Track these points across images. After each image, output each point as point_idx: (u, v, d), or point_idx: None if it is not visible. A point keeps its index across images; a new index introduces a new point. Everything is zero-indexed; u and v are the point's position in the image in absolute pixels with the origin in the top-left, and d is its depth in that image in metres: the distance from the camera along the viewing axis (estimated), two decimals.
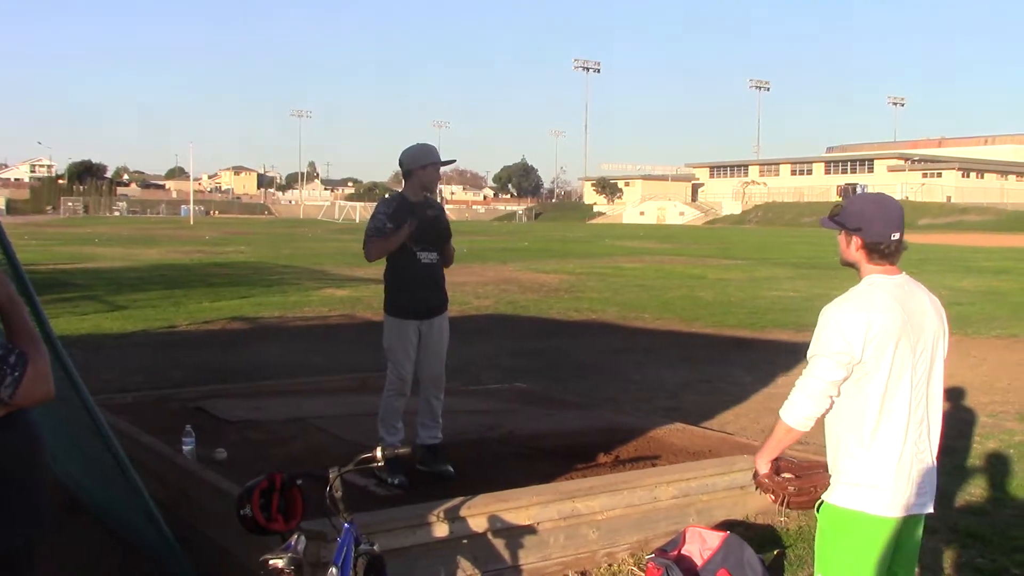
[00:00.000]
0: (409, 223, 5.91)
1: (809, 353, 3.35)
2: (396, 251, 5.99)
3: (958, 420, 8.65)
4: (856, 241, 3.38)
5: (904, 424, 3.32)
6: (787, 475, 3.47)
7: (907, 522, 3.39)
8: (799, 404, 3.35)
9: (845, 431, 3.36)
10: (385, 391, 6.12)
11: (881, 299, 3.31)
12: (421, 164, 6.09)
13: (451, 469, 6.02)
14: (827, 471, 3.45)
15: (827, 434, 3.44)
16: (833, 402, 3.32)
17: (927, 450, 3.38)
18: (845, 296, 3.35)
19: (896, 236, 3.35)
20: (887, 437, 3.31)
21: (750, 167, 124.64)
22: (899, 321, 3.29)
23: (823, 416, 3.37)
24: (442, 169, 6.29)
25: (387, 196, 6.23)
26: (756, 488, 3.56)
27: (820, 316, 3.34)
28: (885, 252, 3.36)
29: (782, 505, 3.48)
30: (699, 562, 4.93)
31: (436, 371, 6.17)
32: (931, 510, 3.44)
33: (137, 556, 5.21)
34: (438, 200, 6.37)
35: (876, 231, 3.35)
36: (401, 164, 6.18)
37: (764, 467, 3.48)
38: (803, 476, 3.47)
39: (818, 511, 3.46)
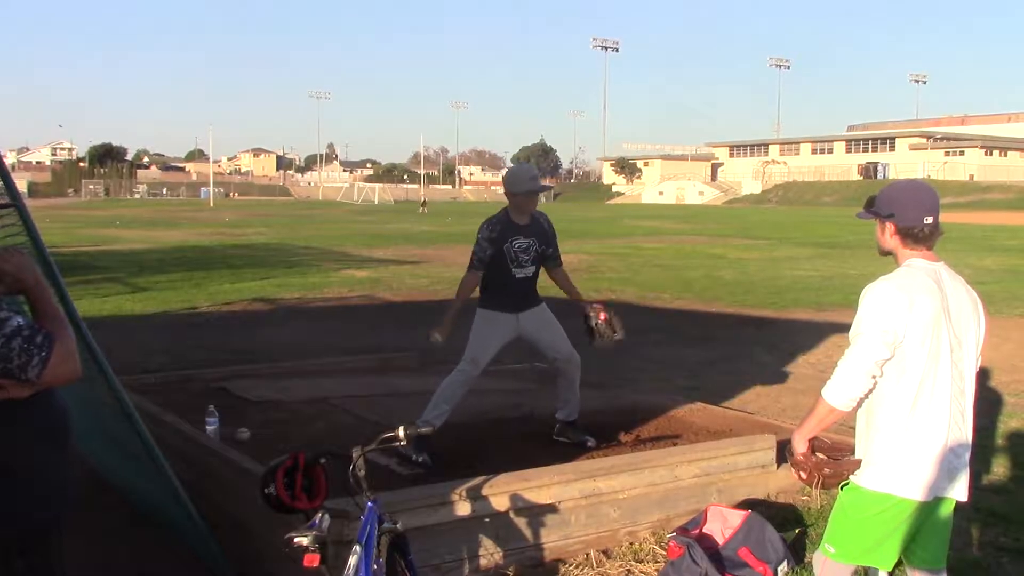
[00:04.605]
0: (435, 338, 6.07)
1: (852, 333, 3.32)
2: (492, 265, 6.14)
3: (980, 399, 8.52)
4: (890, 227, 3.38)
5: (939, 409, 3.31)
6: (821, 455, 3.46)
7: (932, 504, 3.38)
8: (843, 383, 3.32)
9: (879, 413, 3.34)
10: (454, 372, 6.15)
11: (923, 281, 3.30)
12: (513, 191, 6.20)
13: (591, 440, 6.36)
14: (853, 454, 3.44)
15: (859, 415, 3.43)
16: (876, 382, 3.31)
17: (961, 436, 3.37)
18: (887, 276, 3.34)
19: (929, 220, 3.34)
20: (922, 421, 3.30)
21: (770, 146, 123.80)
22: (939, 305, 3.28)
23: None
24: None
25: (491, 217, 6.31)
26: (791, 466, 3.56)
27: (863, 296, 3.33)
28: (919, 236, 3.35)
29: (814, 486, 3.47)
30: (720, 540, 4.93)
31: (564, 348, 6.32)
32: (964, 497, 3.42)
33: (163, 534, 5.27)
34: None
35: (909, 216, 3.35)
36: (504, 185, 6.34)
37: (802, 446, 3.46)
38: (837, 459, 3.46)
39: (841, 488, 3.46)
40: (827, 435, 3.55)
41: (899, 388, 3.30)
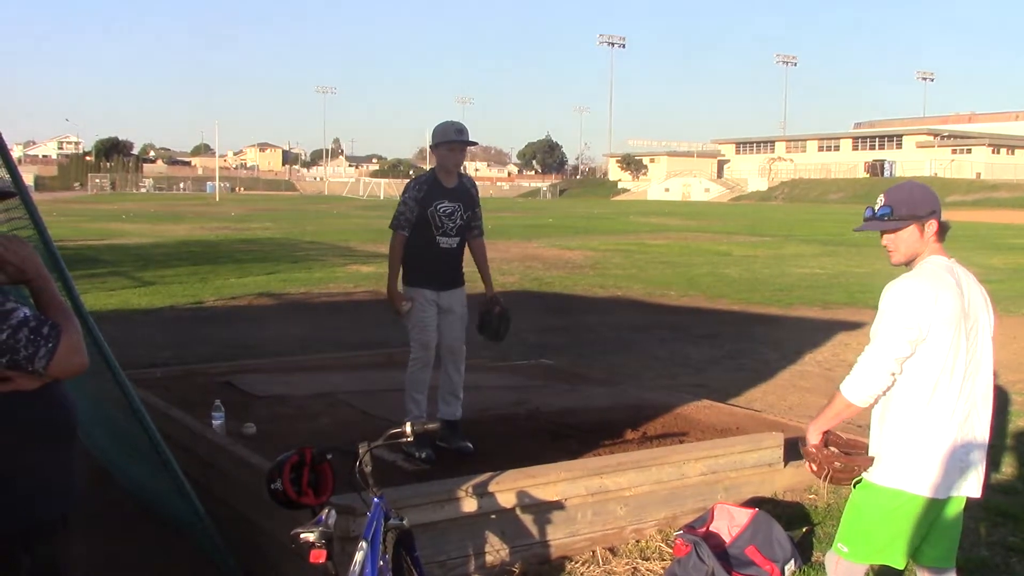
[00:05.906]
0: (405, 307, 5.95)
1: (874, 329, 3.31)
2: (416, 234, 5.96)
3: None
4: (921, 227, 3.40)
5: (954, 407, 3.30)
6: (834, 449, 3.45)
7: (943, 502, 3.37)
8: (863, 380, 3.31)
9: (894, 409, 3.33)
10: (409, 363, 6.11)
11: (944, 278, 3.30)
12: (435, 142, 6.03)
13: (470, 445, 6.01)
14: (867, 452, 3.43)
15: (875, 412, 3.41)
16: (895, 380, 3.29)
17: (975, 433, 3.35)
18: (910, 273, 3.34)
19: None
20: (936, 418, 3.28)
21: (776, 143, 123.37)
22: (959, 302, 3.28)
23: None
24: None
25: (417, 177, 6.14)
26: (803, 456, 3.55)
27: (885, 293, 3.32)
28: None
29: (824, 479, 3.46)
30: (727, 539, 4.92)
31: (454, 341, 6.11)
32: (977, 495, 3.41)
33: (167, 529, 5.26)
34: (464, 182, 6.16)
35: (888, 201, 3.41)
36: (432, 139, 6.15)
37: (815, 438, 3.47)
38: (850, 454, 3.45)
39: (854, 486, 3.44)
40: (842, 432, 3.54)
41: (916, 384, 3.28)
